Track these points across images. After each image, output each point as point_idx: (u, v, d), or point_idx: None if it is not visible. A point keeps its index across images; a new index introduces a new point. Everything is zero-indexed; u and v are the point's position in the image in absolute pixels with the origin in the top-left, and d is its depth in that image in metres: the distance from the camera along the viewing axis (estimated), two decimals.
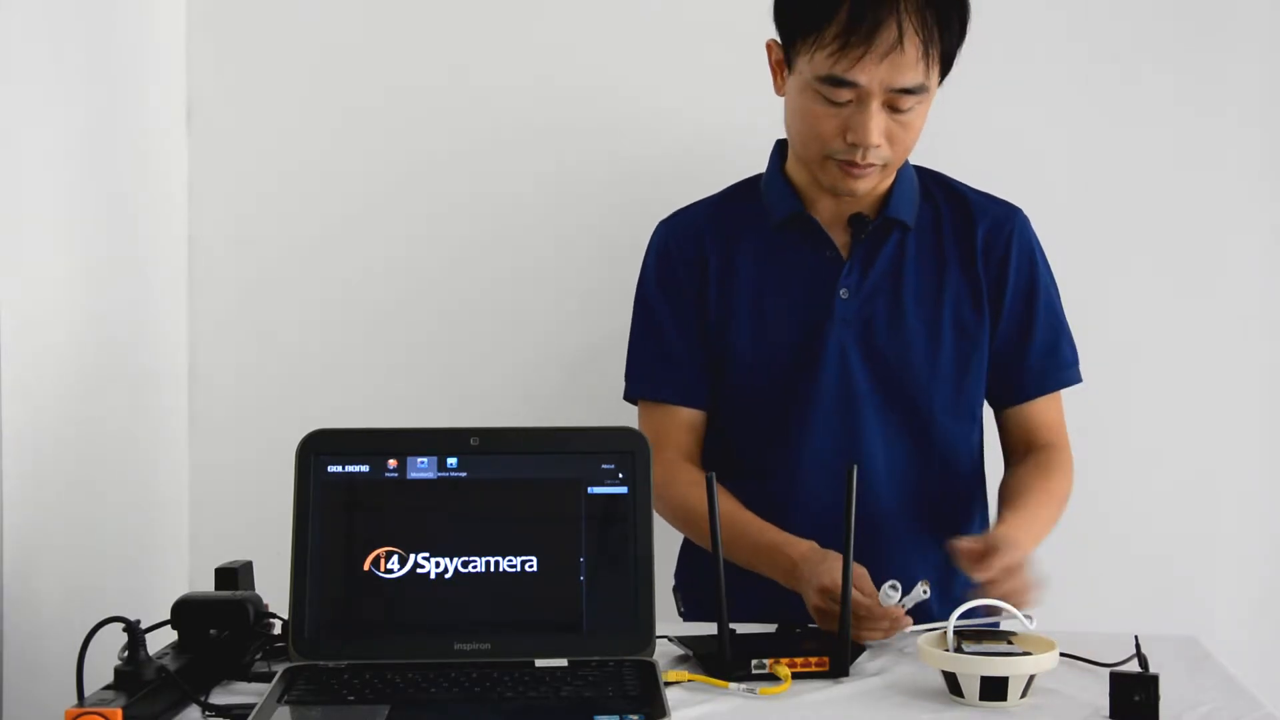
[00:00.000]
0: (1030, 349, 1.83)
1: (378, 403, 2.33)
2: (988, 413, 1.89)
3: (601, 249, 2.31)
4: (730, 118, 2.25)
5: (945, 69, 1.72)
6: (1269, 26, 2.25)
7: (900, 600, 1.54)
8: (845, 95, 1.68)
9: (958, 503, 1.86)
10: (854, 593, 1.53)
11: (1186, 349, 2.28)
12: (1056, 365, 1.85)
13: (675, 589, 1.96)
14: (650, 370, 1.88)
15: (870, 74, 1.65)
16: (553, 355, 2.34)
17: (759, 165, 1.90)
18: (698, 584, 1.92)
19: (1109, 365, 1.86)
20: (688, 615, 1.92)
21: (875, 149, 1.70)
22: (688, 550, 1.96)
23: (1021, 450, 1.86)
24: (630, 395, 1.91)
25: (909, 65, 1.65)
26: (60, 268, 1.90)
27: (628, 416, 1.94)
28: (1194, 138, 2.27)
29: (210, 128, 2.32)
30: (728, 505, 1.73)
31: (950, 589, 1.73)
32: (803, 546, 1.68)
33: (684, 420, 1.87)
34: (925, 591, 1.54)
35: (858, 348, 1.79)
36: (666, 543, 1.93)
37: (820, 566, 1.61)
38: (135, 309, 2.16)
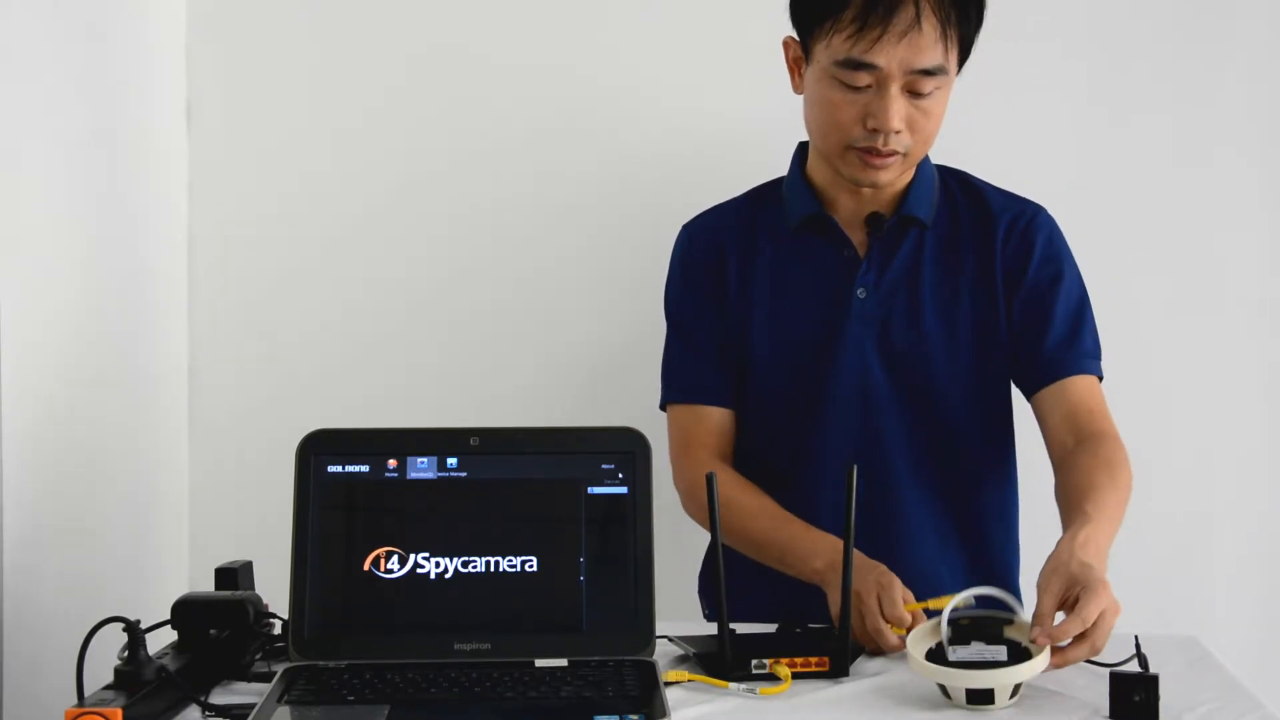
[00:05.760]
0: (1049, 336, 1.78)
1: (378, 403, 2.32)
2: (1024, 416, 1.84)
3: (607, 253, 2.31)
4: (747, 119, 2.24)
5: (963, 55, 1.71)
6: (1268, 27, 2.25)
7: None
8: (864, 79, 1.67)
9: (983, 502, 1.84)
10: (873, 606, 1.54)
11: (1187, 348, 2.28)
12: (1077, 354, 1.78)
13: (701, 591, 1.96)
14: (680, 373, 1.87)
15: (888, 55, 1.64)
16: (555, 357, 2.33)
17: (779, 167, 1.90)
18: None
19: (1109, 364, 1.85)
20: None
21: (896, 135, 1.68)
22: (713, 555, 1.94)
23: (1070, 439, 1.74)
24: (663, 402, 1.90)
25: (927, 45, 1.64)
26: (60, 268, 1.90)
27: (633, 419, 1.93)
28: (1193, 137, 2.27)
29: (210, 128, 2.32)
30: (755, 501, 1.76)
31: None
32: (831, 556, 1.64)
33: (714, 421, 1.85)
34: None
35: (876, 347, 1.79)
36: (679, 544, 1.92)
37: (869, 578, 1.58)
38: (135, 309, 2.16)
